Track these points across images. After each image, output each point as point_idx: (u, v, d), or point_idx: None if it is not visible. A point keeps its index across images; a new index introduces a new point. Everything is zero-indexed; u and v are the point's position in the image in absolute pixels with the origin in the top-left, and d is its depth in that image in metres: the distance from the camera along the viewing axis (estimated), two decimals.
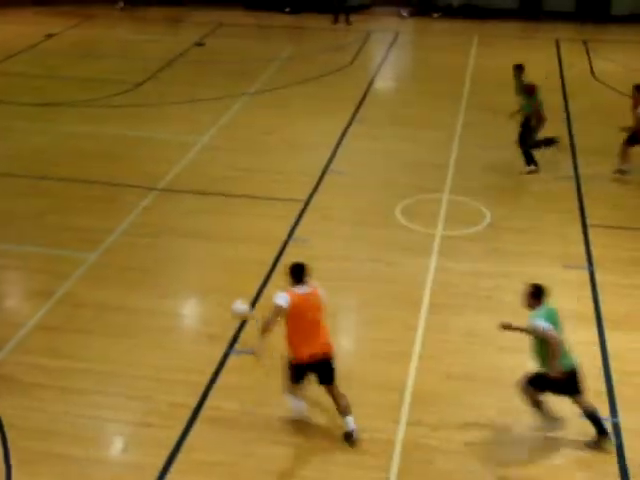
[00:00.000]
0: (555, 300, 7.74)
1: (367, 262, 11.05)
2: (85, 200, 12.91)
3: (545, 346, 7.28)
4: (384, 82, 20.21)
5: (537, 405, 7.79)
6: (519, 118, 14.07)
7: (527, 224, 12.14)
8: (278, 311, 7.33)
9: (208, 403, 8.22)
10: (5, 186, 13.49)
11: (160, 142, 15.47)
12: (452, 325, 9.62)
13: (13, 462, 7.39)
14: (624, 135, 13.77)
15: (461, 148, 15.09)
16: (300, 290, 7.43)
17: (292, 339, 7.45)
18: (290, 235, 11.73)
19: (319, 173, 13.99)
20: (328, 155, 14.82)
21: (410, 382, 8.54)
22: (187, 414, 8.03)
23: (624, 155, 13.78)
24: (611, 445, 7.60)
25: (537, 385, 7.58)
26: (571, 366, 7.42)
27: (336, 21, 25.53)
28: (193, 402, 8.20)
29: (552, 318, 7.35)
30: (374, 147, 15.34)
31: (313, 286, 7.57)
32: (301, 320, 7.37)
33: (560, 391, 7.53)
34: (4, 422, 7.91)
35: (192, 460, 7.45)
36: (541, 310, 7.38)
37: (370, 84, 19.38)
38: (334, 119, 16.69)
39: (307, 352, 7.42)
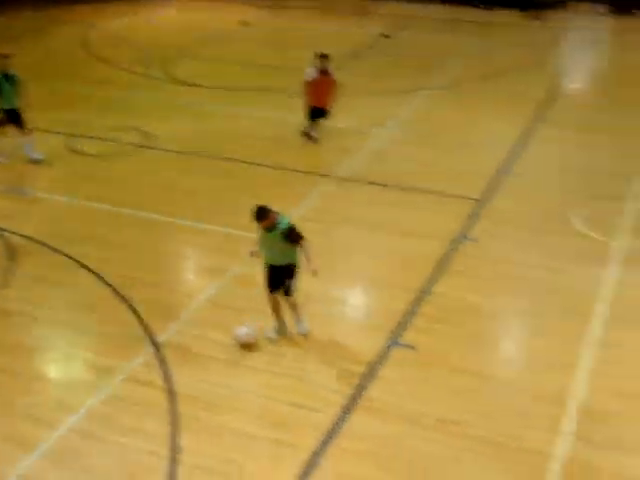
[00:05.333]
0: None
1: (538, 269, 10.69)
2: (265, 183, 13.38)
3: None
4: (573, 83, 19.44)
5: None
6: None
7: None
8: None
9: (365, 394, 8.29)
10: (192, 164, 14.27)
11: (340, 131, 15.74)
12: (628, 341, 9.14)
13: (179, 427, 7.81)
14: None
15: None
16: None
17: None
18: (461, 233, 11.58)
19: (494, 173, 13.70)
20: (504, 155, 14.48)
21: (575, 396, 8.20)
22: (342, 402, 8.13)
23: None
24: None
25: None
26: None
27: (531, 16, 24.89)
28: (349, 391, 8.30)
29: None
30: (554, 151, 14.81)
31: None
32: None
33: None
34: (177, 390, 8.34)
35: (344, 447, 7.55)
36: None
37: (557, 85, 18.70)
38: (514, 118, 16.30)
39: None
